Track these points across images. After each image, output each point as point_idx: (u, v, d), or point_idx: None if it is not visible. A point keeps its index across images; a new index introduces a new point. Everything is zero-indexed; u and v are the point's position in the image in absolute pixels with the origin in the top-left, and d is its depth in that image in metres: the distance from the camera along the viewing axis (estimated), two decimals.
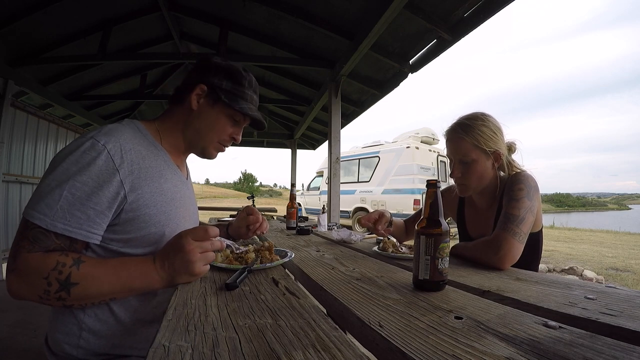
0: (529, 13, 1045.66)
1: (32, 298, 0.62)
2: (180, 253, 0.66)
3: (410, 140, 8.34)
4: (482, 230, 1.13)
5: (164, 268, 0.67)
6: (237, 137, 0.94)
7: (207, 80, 0.85)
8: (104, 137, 0.70)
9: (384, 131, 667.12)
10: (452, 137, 1.08)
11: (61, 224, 0.63)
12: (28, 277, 0.61)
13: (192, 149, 0.92)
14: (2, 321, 2.28)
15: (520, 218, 0.90)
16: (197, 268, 0.67)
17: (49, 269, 0.60)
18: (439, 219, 0.67)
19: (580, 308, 0.54)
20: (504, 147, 1.06)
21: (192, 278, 0.69)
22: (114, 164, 0.69)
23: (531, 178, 1.00)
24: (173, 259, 0.67)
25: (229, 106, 0.86)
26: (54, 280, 0.60)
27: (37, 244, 0.63)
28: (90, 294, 0.64)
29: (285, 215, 2.03)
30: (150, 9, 3.11)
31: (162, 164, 0.82)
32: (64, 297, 0.61)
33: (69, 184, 0.64)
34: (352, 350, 0.39)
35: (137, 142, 0.77)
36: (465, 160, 1.04)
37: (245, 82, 0.89)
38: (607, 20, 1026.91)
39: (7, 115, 3.43)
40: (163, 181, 0.80)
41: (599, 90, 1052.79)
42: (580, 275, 4.44)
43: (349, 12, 2.55)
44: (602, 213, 79.12)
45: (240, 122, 0.92)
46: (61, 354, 0.73)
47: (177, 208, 0.84)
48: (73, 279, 0.61)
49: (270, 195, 66.00)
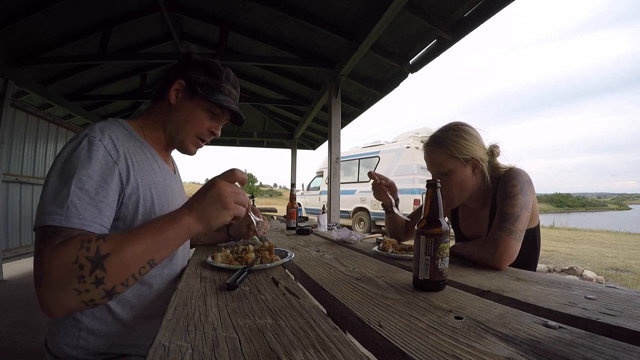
0: (529, 13, 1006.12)
1: (70, 297, 0.55)
2: (211, 188, 0.65)
3: (410, 140, 8.34)
4: (476, 231, 1.13)
5: (192, 208, 0.64)
6: (216, 131, 0.94)
7: (186, 75, 0.87)
8: (99, 134, 0.72)
9: (384, 131, 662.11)
10: (427, 150, 1.09)
11: (75, 219, 0.61)
12: (58, 272, 0.55)
13: (172, 144, 0.93)
14: (2, 321, 2.28)
15: (516, 216, 0.90)
16: (229, 203, 0.65)
17: (75, 250, 0.55)
18: (439, 219, 0.67)
19: (580, 308, 0.54)
20: (483, 153, 1.05)
21: (225, 213, 0.66)
22: (112, 158, 0.71)
23: (524, 173, 0.99)
24: (203, 195, 0.65)
25: (205, 98, 0.87)
26: (84, 259, 0.55)
27: (57, 237, 0.59)
28: (126, 260, 0.58)
29: (285, 215, 2.03)
30: (150, 9, 3.11)
31: (150, 159, 0.84)
32: (101, 277, 0.55)
33: (75, 179, 0.64)
34: (352, 350, 0.39)
35: (125, 139, 0.78)
36: (442, 172, 1.04)
37: (222, 76, 0.90)
38: (607, 20, 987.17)
39: (7, 115, 3.43)
40: (154, 174, 0.82)
41: (599, 90, 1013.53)
42: (580, 275, 4.44)
43: (349, 12, 2.55)
44: (602, 213, 79.13)
45: (218, 115, 0.92)
46: (61, 355, 0.73)
47: (169, 200, 0.86)
48: (103, 250, 0.56)
49: (270, 195, 65.98)
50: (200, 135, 0.92)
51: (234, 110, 0.92)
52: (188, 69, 0.87)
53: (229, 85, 0.91)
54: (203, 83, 0.87)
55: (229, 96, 0.92)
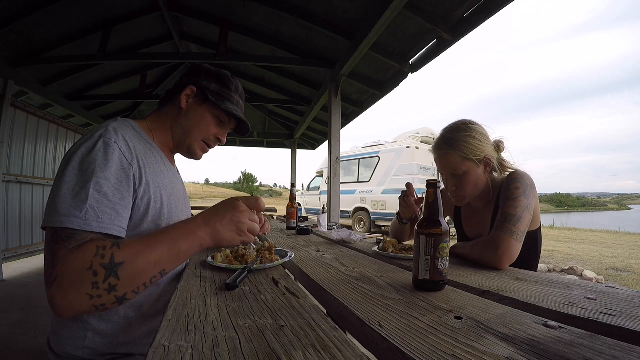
0: (529, 13, 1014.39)
1: (82, 301, 0.56)
2: (231, 211, 0.67)
3: (410, 140, 8.34)
4: (479, 231, 1.14)
5: (208, 224, 0.66)
6: (222, 138, 0.98)
7: (197, 82, 0.90)
8: (113, 135, 0.72)
9: (384, 131, 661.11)
10: (439, 154, 1.07)
11: (95, 222, 0.62)
12: (72, 276, 0.56)
13: (179, 148, 0.96)
14: (2, 321, 2.28)
15: (518, 217, 0.90)
16: (245, 229, 0.68)
17: (90, 256, 0.57)
18: (439, 219, 0.67)
19: (580, 308, 0.54)
20: (492, 151, 1.06)
21: (238, 238, 0.68)
22: (127, 160, 0.72)
23: (527, 176, 1.00)
24: (222, 216, 0.67)
25: (215, 105, 0.91)
26: (98, 266, 0.56)
27: (73, 240, 0.59)
28: (140, 269, 0.59)
29: (285, 215, 2.03)
30: (150, 9, 3.11)
31: (159, 160, 0.86)
32: (114, 284, 0.57)
33: (93, 182, 0.64)
34: (352, 350, 0.39)
35: (136, 140, 0.79)
36: (457, 174, 1.04)
37: (232, 86, 0.94)
38: (607, 20, 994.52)
39: (7, 115, 3.43)
40: (162, 177, 0.84)
41: (599, 90, 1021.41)
42: (580, 275, 4.44)
43: (349, 12, 2.55)
44: (602, 213, 79.10)
45: (225, 123, 0.96)
46: (65, 355, 0.73)
47: (177, 201, 0.88)
48: (117, 258, 0.58)
49: (270, 195, 65.99)
50: (207, 141, 0.96)
51: (242, 118, 0.95)
52: (200, 76, 0.91)
53: (237, 95, 0.96)
54: (214, 91, 0.91)
55: (237, 106, 0.96)
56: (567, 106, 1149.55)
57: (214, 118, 0.93)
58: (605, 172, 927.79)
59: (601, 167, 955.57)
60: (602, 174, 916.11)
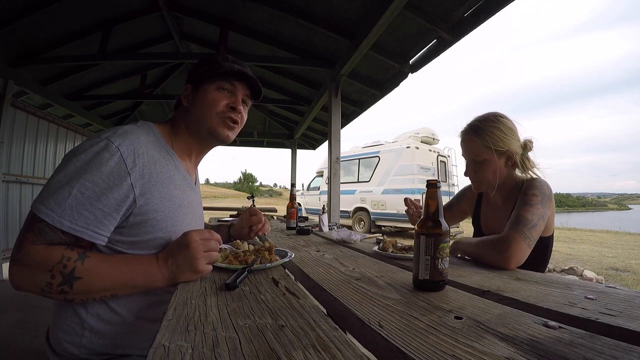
0: (529, 13, 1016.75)
1: (34, 290, 0.62)
2: (185, 250, 0.69)
3: (410, 140, 8.34)
4: (494, 228, 1.15)
5: (166, 265, 0.70)
6: (237, 106, 0.89)
7: (189, 79, 0.92)
8: (119, 139, 0.71)
9: (384, 131, 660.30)
10: (464, 138, 1.12)
11: (68, 222, 0.64)
12: (31, 269, 0.61)
13: (203, 140, 0.92)
14: (2, 321, 2.28)
15: (533, 223, 0.91)
16: (200, 265, 0.69)
17: (54, 262, 0.61)
18: (439, 219, 0.67)
19: (580, 308, 0.54)
20: (518, 146, 1.07)
21: (195, 276, 0.71)
22: (126, 167, 0.70)
23: (547, 186, 1.01)
24: (177, 256, 0.70)
25: (209, 80, 0.88)
26: (57, 273, 0.61)
27: (42, 237, 0.63)
28: (92, 289, 0.65)
29: (285, 215, 2.03)
30: (150, 8, 3.11)
31: (173, 170, 0.83)
32: (66, 291, 0.62)
33: (80, 183, 0.65)
34: (352, 350, 0.39)
35: (150, 146, 0.77)
36: (477, 160, 1.09)
37: (218, 58, 0.91)
38: (607, 20, 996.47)
39: (7, 115, 3.43)
40: (173, 187, 0.81)
41: (599, 90, 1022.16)
42: (580, 275, 4.44)
43: (349, 12, 2.55)
44: (602, 213, 79.06)
45: (230, 89, 0.89)
46: (63, 353, 0.73)
47: (184, 214, 0.84)
48: (77, 273, 0.63)
49: (270, 195, 66.01)
50: (222, 114, 0.88)
51: (241, 71, 0.88)
52: (191, 74, 0.92)
53: (228, 62, 0.90)
54: (203, 72, 0.89)
55: (231, 68, 0.90)
56: (567, 106, 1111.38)
57: (216, 91, 0.87)
58: (605, 172, 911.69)
59: (601, 167, 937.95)
60: (602, 174, 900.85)
